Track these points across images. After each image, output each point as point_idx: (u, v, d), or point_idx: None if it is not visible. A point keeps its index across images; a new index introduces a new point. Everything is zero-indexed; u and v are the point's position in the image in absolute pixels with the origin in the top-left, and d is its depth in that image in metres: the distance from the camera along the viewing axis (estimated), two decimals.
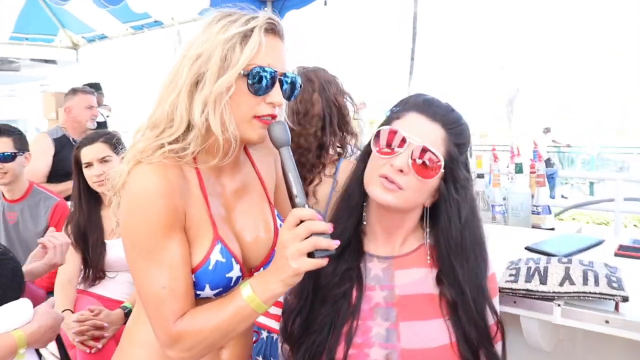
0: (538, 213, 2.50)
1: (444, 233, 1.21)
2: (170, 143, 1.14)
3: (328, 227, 1.03)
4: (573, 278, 1.49)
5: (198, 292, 1.18)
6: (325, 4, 4.86)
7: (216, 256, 1.17)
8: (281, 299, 1.29)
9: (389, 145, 1.19)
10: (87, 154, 2.46)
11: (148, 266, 1.13)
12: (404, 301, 1.21)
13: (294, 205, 1.08)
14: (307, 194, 1.86)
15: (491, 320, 1.23)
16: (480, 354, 1.20)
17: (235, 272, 1.19)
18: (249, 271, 1.27)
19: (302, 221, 1.04)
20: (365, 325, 1.20)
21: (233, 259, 1.19)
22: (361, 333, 1.19)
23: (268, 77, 1.14)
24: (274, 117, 1.17)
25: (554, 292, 1.48)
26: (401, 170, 1.15)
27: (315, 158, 1.89)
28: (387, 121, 1.25)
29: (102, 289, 2.46)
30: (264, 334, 1.85)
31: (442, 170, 1.17)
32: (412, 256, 1.26)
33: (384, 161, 1.18)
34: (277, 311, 1.82)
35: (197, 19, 6.48)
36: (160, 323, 1.13)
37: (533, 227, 2.51)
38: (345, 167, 1.95)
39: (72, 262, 2.41)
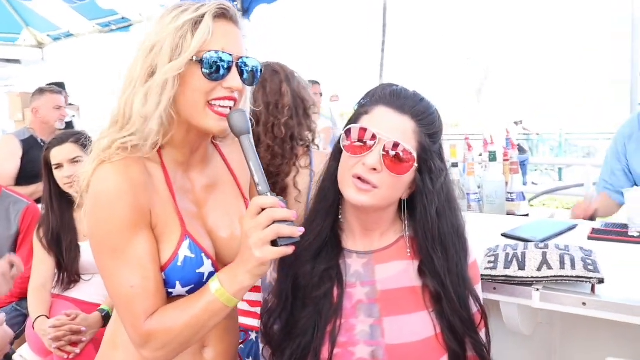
0: (512, 200, 2.54)
1: (421, 224, 1.19)
2: (123, 137, 1.13)
3: (291, 214, 1.01)
4: (550, 263, 1.52)
5: (170, 291, 1.16)
6: None
7: (184, 252, 1.15)
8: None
9: (359, 143, 1.16)
10: (57, 155, 2.40)
11: (115, 266, 1.11)
12: (387, 296, 1.20)
13: (257, 194, 1.06)
14: (287, 186, 1.85)
15: (474, 308, 1.23)
16: (466, 343, 1.19)
17: (207, 267, 1.17)
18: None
19: (263, 209, 1.02)
20: (349, 323, 1.18)
21: (203, 254, 1.17)
22: (345, 331, 1.18)
23: (224, 61, 1.11)
24: (233, 100, 1.15)
25: (532, 277, 1.50)
26: (374, 169, 1.13)
27: (289, 149, 1.89)
28: (356, 117, 1.22)
29: (78, 292, 2.41)
30: (253, 335, 1.85)
31: (415, 164, 1.15)
32: (391, 249, 1.24)
33: (355, 160, 1.16)
34: (259, 310, 1.82)
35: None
36: (131, 322, 1.11)
37: (508, 214, 2.55)
38: (320, 159, 1.95)
39: (45, 266, 2.37)
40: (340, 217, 1.26)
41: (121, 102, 1.14)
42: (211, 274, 1.18)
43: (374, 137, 1.14)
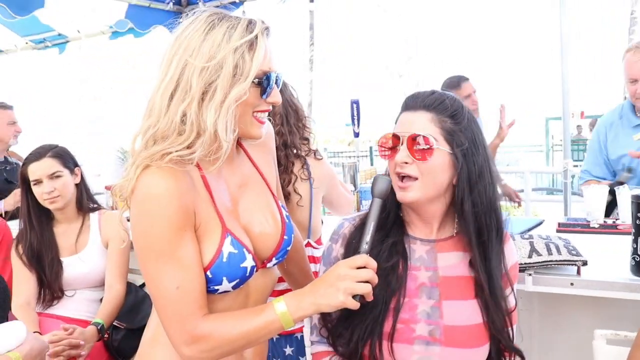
0: None
1: (464, 202, 1.27)
2: (178, 150, 1.16)
3: (377, 280, 1.14)
4: (538, 250, 1.71)
5: (216, 287, 1.21)
6: None
7: (228, 248, 1.20)
8: None
9: (389, 148, 1.31)
10: (36, 170, 2.34)
11: (162, 268, 1.15)
12: (446, 282, 1.31)
13: (358, 248, 1.18)
14: (289, 193, 1.93)
15: (512, 303, 1.35)
16: (503, 333, 1.31)
17: (249, 262, 1.24)
18: (262, 263, 1.32)
19: (364, 267, 1.13)
20: (412, 302, 1.29)
21: (244, 250, 1.23)
22: (408, 309, 1.28)
23: (272, 81, 1.22)
24: (269, 111, 1.27)
25: (525, 264, 1.68)
26: (405, 162, 1.26)
27: (284, 156, 1.96)
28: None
29: (62, 309, 2.35)
30: None
31: (438, 144, 1.25)
32: (450, 241, 1.35)
33: (392, 163, 1.30)
34: None
35: (106, 32, 6.29)
36: (178, 323, 1.15)
37: None
38: (318, 166, 2.05)
39: (28, 284, 2.30)
40: (401, 212, 1.38)
41: (171, 117, 1.16)
42: (253, 268, 1.25)
43: (396, 137, 1.29)
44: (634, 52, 2.55)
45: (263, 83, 1.20)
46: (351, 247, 1.33)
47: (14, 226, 2.54)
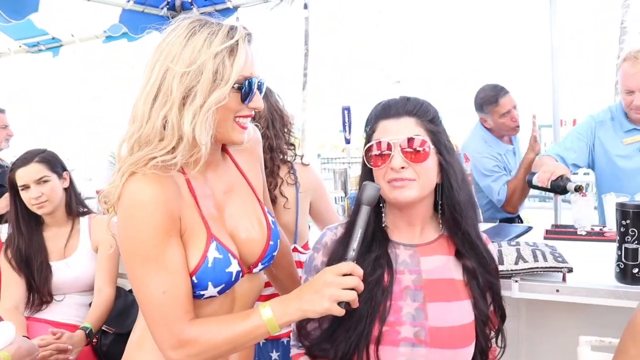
0: None
1: (449, 199, 1.34)
2: (161, 155, 1.17)
3: (362, 288, 1.16)
4: (525, 257, 1.73)
5: (202, 293, 1.22)
6: None
7: (213, 253, 1.22)
8: None
9: (380, 155, 1.33)
10: (23, 175, 2.34)
11: (148, 273, 1.16)
12: (430, 284, 1.33)
13: (344, 255, 1.20)
14: (275, 197, 1.95)
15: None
16: (490, 334, 1.38)
17: (234, 267, 1.25)
18: (248, 268, 1.33)
19: (350, 274, 1.15)
20: (397, 305, 1.31)
21: (230, 255, 1.25)
22: (393, 312, 1.30)
23: (253, 86, 1.23)
24: (251, 117, 1.28)
25: (511, 270, 1.70)
26: (402, 167, 1.29)
27: (269, 159, 1.98)
28: (368, 139, 1.39)
29: (51, 313, 2.35)
30: None
31: (432, 146, 1.31)
32: (433, 245, 1.39)
33: (383, 169, 1.31)
34: None
35: (100, 36, 6.30)
36: (165, 327, 1.17)
37: None
38: (304, 172, 2.07)
39: (17, 288, 2.30)
40: (383, 223, 1.39)
41: (154, 122, 1.18)
42: (238, 273, 1.26)
43: (389, 145, 1.31)
44: (632, 62, 2.46)
45: (244, 88, 1.21)
46: (334, 256, 1.34)
47: (4, 230, 2.54)
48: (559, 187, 2.30)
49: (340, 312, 1.14)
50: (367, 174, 1.37)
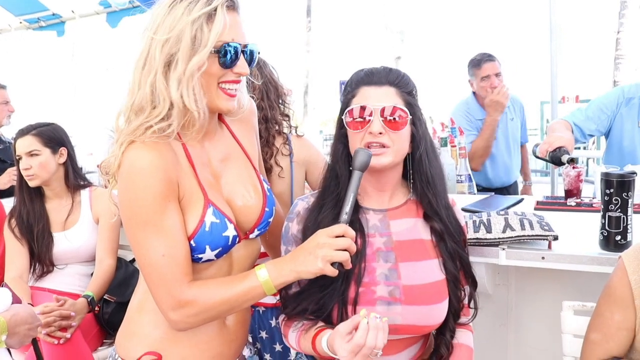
0: (461, 181, 2.82)
1: (419, 168, 1.41)
2: (157, 123, 1.22)
3: (355, 249, 1.21)
4: (512, 225, 1.77)
5: (200, 256, 1.27)
6: None
7: (210, 218, 1.26)
8: None
9: (359, 120, 1.37)
10: (19, 146, 2.41)
11: (147, 237, 1.21)
12: (401, 245, 1.40)
13: (339, 218, 1.25)
14: (271, 166, 1.99)
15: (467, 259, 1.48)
16: (461, 291, 1.44)
17: (231, 231, 1.30)
18: (244, 234, 1.38)
19: (343, 236, 1.20)
20: (370, 266, 1.37)
21: (226, 219, 1.29)
22: (367, 273, 1.36)
23: (234, 51, 1.25)
24: (239, 82, 1.30)
25: (499, 238, 1.74)
26: (380, 133, 1.34)
27: (264, 129, 2.01)
28: (346, 103, 1.42)
29: (52, 282, 2.42)
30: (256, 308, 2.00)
31: (408, 117, 1.37)
32: (402, 209, 1.45)
33: (361, 134, 1.36)
34: None
35: (100, 11, 6.28)
36: (165, 289, 1.22)
37: (458, 193, 2.83)
38: (298, 142, 2.10)
39: (20, 258, 2.37)
40: None
41: (144, 90, 1.23)
42: (235, 238, 1.31)
43: (370, 110, 1.36)
44: None
45: (224, 52, 1.24)
46: (308, 224, 1.40)
47: (8, 204, 2.60)
48: (555, 159, 2.34)
49: (333, 272, 1.19)
50: (343, 137, 1.42)
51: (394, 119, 1.35)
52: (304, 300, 1.37)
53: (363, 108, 1.36)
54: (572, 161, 2.30)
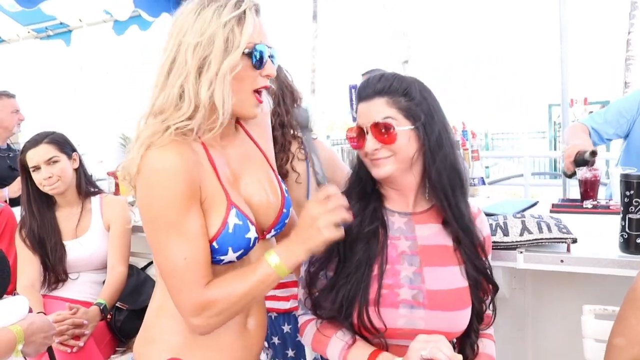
0: (475, 185, 2.79)
1: (429, 168, 1.36)
2: (176, 123, 1.21)
3: (346, 201, 1.20)
4: (530, 228, 1.75)
5: (222, 258, 1.25)
6: None
7: (233, 220, 1.25)
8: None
9: (357, 139, 1.40)
10: (33, 157, 2.39)
11: (169, 240, 1.19)
12: (425, 250, 1.39)
13: (317, 182, 1.24)
14: (287, 171, 1.97)
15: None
16: (484, 291, 1.42)
17: (252, 233, 1.29)
18: (261, 233, 1.36)
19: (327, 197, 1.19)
20: (394, 269, 1.36)
21: (248, 221, 1.28)
22: (391, 275, 1.35)
23: (263, 52, 1.26)
24: (267, 88, 1.31)
25: (516, 242, 1.72)
26: (376, 149, 1.35)
27: (281, 135, 1.98)
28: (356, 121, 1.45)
29: (66, 291, 2.41)
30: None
31: (402, 126, 1.33)
32: (426, 214, 1.43)
33: (363, 152, 1.39)
34: (274, 292, 1.95)
35: (108, 20, 6.31)
36: (185, 293, 1.20)
37: (470, 197, 2.79)
38: (317, 145, 2.08)
39: (32, 267, 2.36)
40: (378, 186, 1.46)
41: (169, 92, 1.22)
42: (255, 239, 1.30)
43: (360, 128, 1.38)
44: None
45: (255, 54, 1.25)
46: None
47: (19, 212, 2.60)
48: (580, 162, 2.32)
49: (340, 233, 1.18)
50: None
51: (385, 133, 1.34)
52: (329, 290, 1.37)
53: (358, 128, 1.39)
54: (594, 154, 2.28)
